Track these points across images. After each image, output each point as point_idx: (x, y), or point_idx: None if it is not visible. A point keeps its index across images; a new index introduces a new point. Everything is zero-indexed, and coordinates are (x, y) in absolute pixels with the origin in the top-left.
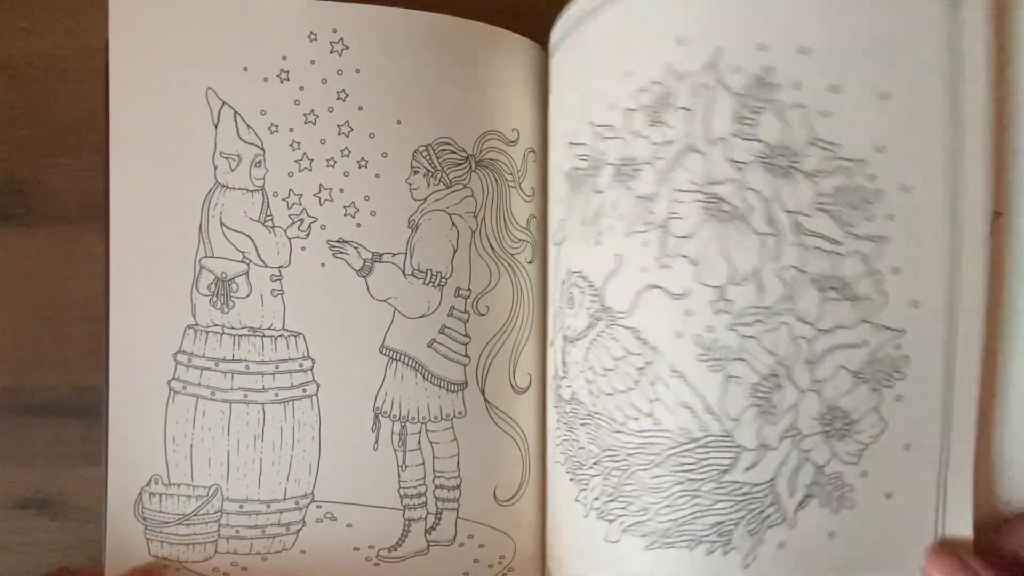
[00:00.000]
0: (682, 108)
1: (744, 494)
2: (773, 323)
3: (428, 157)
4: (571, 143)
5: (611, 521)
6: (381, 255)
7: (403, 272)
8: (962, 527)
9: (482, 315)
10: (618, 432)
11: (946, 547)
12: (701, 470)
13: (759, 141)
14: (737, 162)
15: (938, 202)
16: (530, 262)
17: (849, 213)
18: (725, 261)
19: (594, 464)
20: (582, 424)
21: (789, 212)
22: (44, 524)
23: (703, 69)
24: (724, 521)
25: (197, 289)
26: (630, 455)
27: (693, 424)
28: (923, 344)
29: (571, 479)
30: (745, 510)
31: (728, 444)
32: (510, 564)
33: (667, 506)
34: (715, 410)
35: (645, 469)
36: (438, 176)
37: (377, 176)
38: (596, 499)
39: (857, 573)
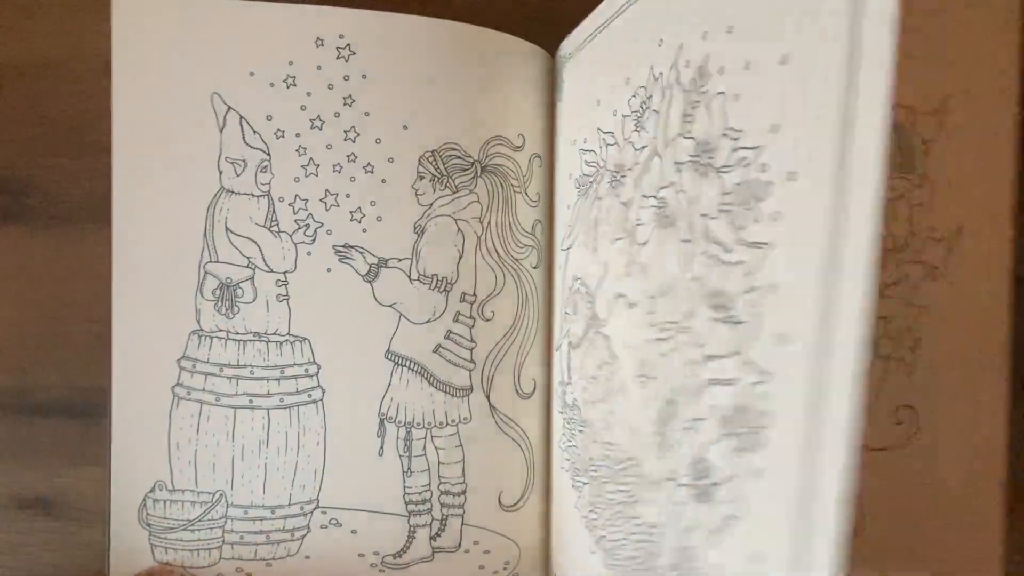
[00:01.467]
0: (654, 111)
1: (644, 536)
2: (676, 342)
3: (434, 162)
4: (581, 149)
5: (591, 531)
6: (387, 260)
7: (409, 277)
8: None
9: (487, 320)
10: (595, 441)
11: None
12: (627, 494)
13: (692, 139)
14: (678, 163)
15: (822, 199)
16: (535, 267)
17: (742, 214)
18: (659, 270)
19: (586, 471)
20: (580, 431)
21: (702, 216)
22: (44, 524)
23: (670, 68)
24: (637, 556)
25: (201, 294)
26: (600, 465)
27: (628, 443)
28: (788, 397)
29: (572, 485)
30: (645, 553)
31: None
32: (515, 570)
33: (612, 525)
34: (640, 432)
35: (605, 483)
36: (444, 181)
37: (383, 181)
38: (586, 506)
39: None
